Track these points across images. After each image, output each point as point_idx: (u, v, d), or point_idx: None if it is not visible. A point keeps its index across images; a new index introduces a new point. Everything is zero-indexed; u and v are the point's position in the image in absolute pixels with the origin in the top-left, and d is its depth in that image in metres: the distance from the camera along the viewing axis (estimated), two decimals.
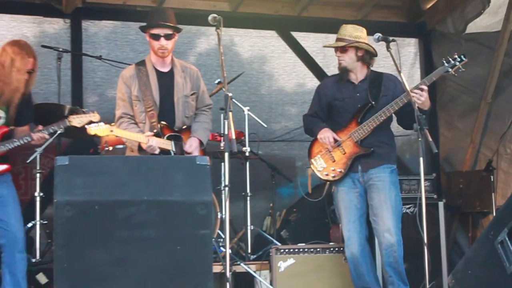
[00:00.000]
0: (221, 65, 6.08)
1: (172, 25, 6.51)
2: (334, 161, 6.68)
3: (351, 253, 6.59)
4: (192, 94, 6.65)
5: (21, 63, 6.42)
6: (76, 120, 6.62)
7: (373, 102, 6.58)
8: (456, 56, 6.48)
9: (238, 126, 7.22)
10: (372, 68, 6.79)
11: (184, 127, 6.60)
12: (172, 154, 6.42)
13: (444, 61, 6.51)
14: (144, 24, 6.60)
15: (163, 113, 6.51)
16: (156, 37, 6.49)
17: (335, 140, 6.66)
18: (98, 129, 6.33)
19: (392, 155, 6.74)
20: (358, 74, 6.71)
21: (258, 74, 10.18)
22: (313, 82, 10.06)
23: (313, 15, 9.95)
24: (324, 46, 7.08)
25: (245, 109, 8.20)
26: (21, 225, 6.55)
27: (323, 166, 6.74)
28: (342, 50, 6.64)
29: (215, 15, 5.98)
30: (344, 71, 6.71)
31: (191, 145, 6.48)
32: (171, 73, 6.63)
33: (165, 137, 6.45)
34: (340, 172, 6.65)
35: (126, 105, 6.54)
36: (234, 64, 9.76)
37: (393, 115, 6.64)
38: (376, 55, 6.74)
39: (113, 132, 6.35)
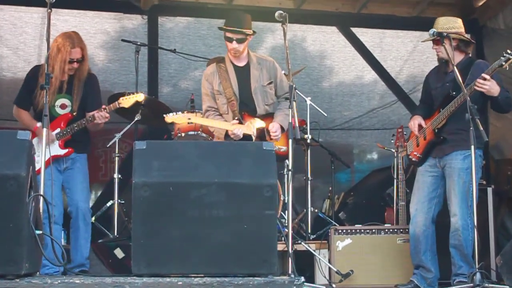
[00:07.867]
0: (286, 58, 6.06)
1: (244, 30, 6.54)
2: (418, 146, 6.64)
3: (414, 231, 6.50)
4: (269, 83, 6.72)
5: (64, 53, 6.48)
6: (125, 102, 6.73)
7: (454, 93, 6.36)
8: (509, 51, 6.33)
9: (300, 115, 7.19)
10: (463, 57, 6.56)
11: (266, 113, 6.68)
12: (253, 138, 6.51)
13: (502, 56, 6.25)
14: (221, 24, 6.65)
15: (244, 102, 6.65)
16: (229, 39, 6.59)
17: (421, 127, 6.61)
18: (176, 117, 6.40)
19: (468, 141, 6.18)
20: (456, 62, 6.37)
21: (319, 67, 10.15)
22: (370, 75, 10.00)
23: (372, 12, 9.87)
24: (422, 42, 7.07)
25: (307, 99, 8.19)
26: (86, 197, 6.71)
27: (411, 150, 6.74)
28: (437, 42, 6.45)
29: (281, 11, 5.98)
30: (442, 62, 6.56)
31: (273, 126, 6.54)
32: (247, 66, 6.73)
33: (246, 123, 6.54)
34: (419, 156, 6.60)
35: (210, 99, 6.69)
36: (297, 57, 9.73)
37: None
38: (472, 42, 6.64)
39: (190, 120, 6.44)
